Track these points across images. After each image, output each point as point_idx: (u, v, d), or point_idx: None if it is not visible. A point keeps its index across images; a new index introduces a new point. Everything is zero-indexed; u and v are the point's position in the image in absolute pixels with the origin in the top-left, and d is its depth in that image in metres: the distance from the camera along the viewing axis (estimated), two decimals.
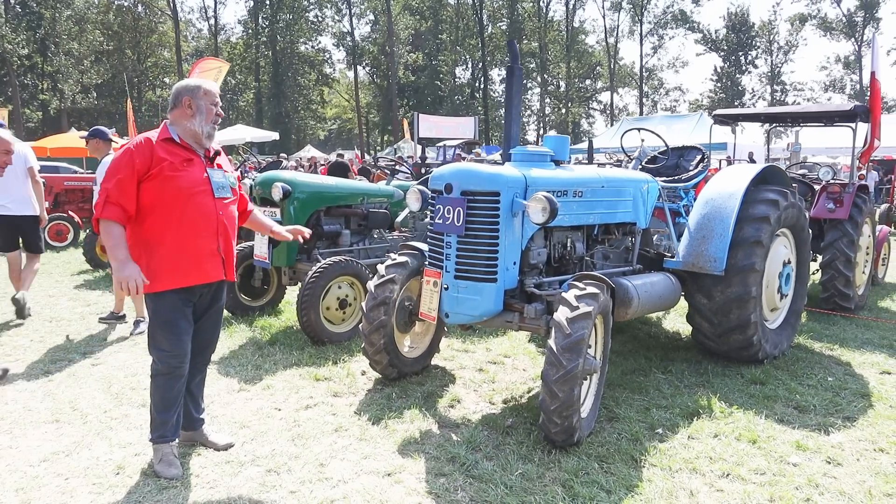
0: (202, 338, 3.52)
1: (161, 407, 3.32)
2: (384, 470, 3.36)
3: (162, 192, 3.16)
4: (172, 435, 3.35)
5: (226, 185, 3.41)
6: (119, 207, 3.10)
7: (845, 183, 6.80)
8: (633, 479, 3.26)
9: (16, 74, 40.42)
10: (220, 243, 3.35)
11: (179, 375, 3.34)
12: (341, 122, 64.15)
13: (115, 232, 3.11)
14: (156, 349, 3.30)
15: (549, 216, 3.66)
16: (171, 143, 3.27)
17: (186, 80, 3.43)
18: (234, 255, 3.51)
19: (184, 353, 3.33)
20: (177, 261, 3.22)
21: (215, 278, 3.37)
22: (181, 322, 3.30)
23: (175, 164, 3.20)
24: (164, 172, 3.16)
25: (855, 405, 4.34)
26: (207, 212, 3.29)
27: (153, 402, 3.34)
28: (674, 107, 60.00)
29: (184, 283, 3.27)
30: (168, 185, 3.17)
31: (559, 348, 3.38)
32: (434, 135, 27.71)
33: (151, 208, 3.18)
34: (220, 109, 3.39)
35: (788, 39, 56.27)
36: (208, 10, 54.54)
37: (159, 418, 3.32)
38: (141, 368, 4.92)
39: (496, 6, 56.25)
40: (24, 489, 3.18)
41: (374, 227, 6.74)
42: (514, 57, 4.61)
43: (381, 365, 4.50)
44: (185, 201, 3.21)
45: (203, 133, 3.32)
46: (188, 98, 3.29)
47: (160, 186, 3.16)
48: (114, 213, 3.10)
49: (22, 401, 4.35)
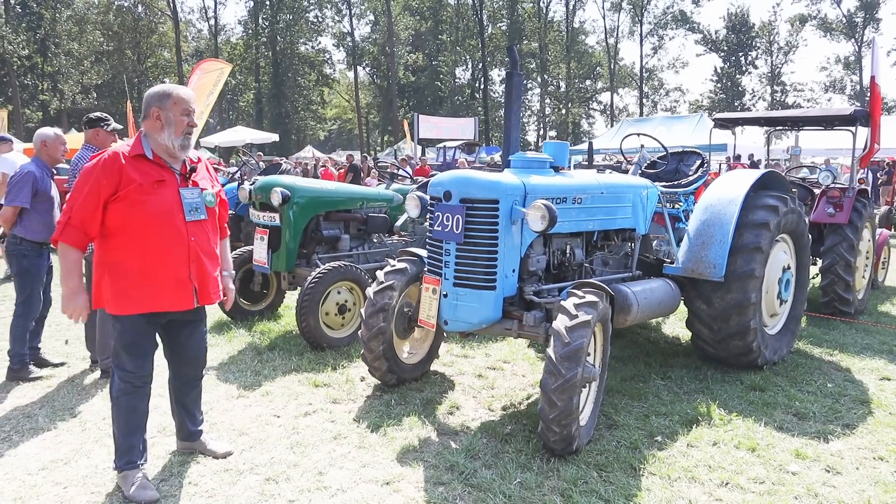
0: (189, 356, 3.42)
1: (126, 430, 3.19)
2: (383, 478, 3.36)
3: (129, 215, 2.98)
4: (140, 458, 3.24)
5: (200, 206, 3.19)
6: (80, 232, 2.95)
7: (845, 187, 6.79)
8: (631, 489, 3.26)
9: (16, 75, 40.41)
10: (191, 270, 3.14)
11: (144, 394, 3.23)
12: (341, 123, 64.17)
13: (72, 258, 2.97)
14: (119, 369, 3.16)
15: (548, 224, 3.66)
16: (142, 159, 3.05)
17: (156, 88, 3.16)
18: (213, 277, 3.30)
19: (148, 374, 3.23)
20: (142, 287, 3.05)
21: (184, 307, 3.18)
22: (146, 344, 3.19)
23: (144, 186, 3.00)
24: (131, 195, 2.96)
25: (854, 412, 4.33)
26: (177, 238, 3.09)
27: (117, 426, 3.19)
28: (674, 107, 60.02)
29: (149, 308, 3.10)
30: (135, 210, 2.98)
31: (558, 357, 3.38)
32: (434, 135, 27.76)
33: (117, 231, 3.01)
34: (192, 119, 3.14)
35: (788, 40, 56.26)
36: (208, 11, 54.52)
37: (126, 443, 3.18)
38: None
39: (496, 7, 56.24)
40: (21, 498, 3.18)
41: (373, 232, 6.74)
42: (514, 63, 4.61)
43: (380, 371, 4.49)
44: (153, 227, 3.02)
45: (175, 147, 3.10)
46: (156, 109, 3.07)
47: (127, 210, 2.98)
48: (74, 237, 2.95)
49: (21, 407, 4.34)
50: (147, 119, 3.11)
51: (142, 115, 3.14)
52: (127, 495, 3.13)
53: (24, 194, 4.69)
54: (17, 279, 4.86)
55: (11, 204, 4.68)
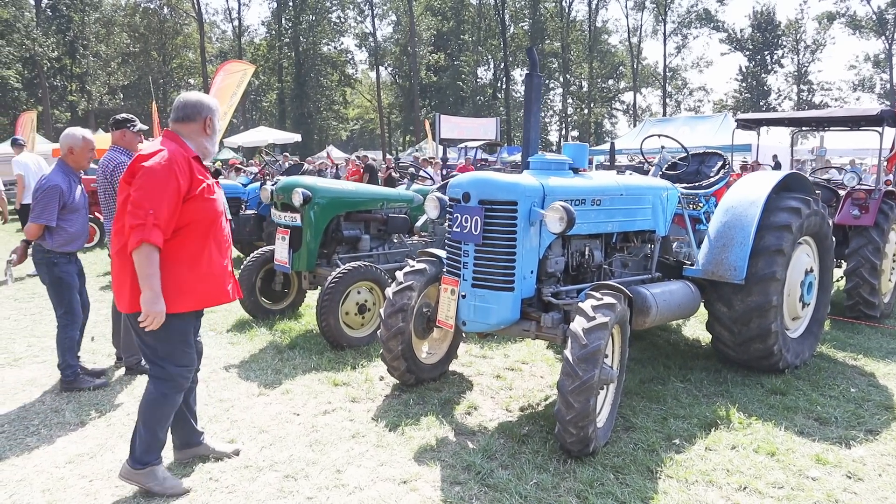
0: (199, 351, 3.49)
1: (162, 426, 3.25)
2: (400, 477, 3.39)
3: (201, 212, 3.11)
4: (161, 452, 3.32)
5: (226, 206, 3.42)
6: (164, 232, 2.97)
7: (871, 189, 6.68)
8: (648, 491, 3.26)
9: (46, 76, 41.29)
10: (230, 265, 3.39)
11: (186, 388, 3.34)
12: (363, 123, 64.48)
13: (155, 259, 2.97)
14: (174, 366, 3.20)
15: (566, 226, 3.66)
16: (199, 161, 3.21)
17: (206, 98, 3.32)
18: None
19: (195, 366, 3.39)
20: (206, 282, 3.19)
21: (234, 298, 3.40)
22: (191, 337, 3.31)
23: (211, 185, 3.19)
24: (203, 193, 3.12)
25: (878, 418, 4.27)
26: (227, 233, 3.35)
27: (155, 422, 3.20)
28: (698, 107, 59.33)
29: (211, 303, 3.27)
30: (207, 206, 3.14)
31: (575, 359, 3.38)
32: (456, 136, 27.77)
33: (188, 228, 3.09)
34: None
35: (816, 38, 55.30)
36: (232, 12, 55.12)
37: (158, 439, 3.23)
38: None
39: (518, 6, 56.12)
40: (49, 490, 3.28)
41: (393, 232, 6.79)
42: (534, 64, 4.62)
43: (399, 371, 4.53)
44: (217, 224, 3.22)
45: (212, 153, 3.33)
46: (210, 117, 3.26)
47: (199, 207, 3.10)
48: (159, 238, 2.94)
49: (49, 402, 4.46)
50: (194, 123, 3.22)
51: (182, 118, 3.21)
52: (159, 489, 3.18)
53: (48, 211, 4.52)
54: (52, 290, 4.71)
55: (37, 222, 4.54)
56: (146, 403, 3.21)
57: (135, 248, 2.92)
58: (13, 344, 5.84)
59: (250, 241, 9.43)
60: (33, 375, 5.01)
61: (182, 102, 3.24)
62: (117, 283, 3.15)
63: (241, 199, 10.13)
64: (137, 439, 3.22)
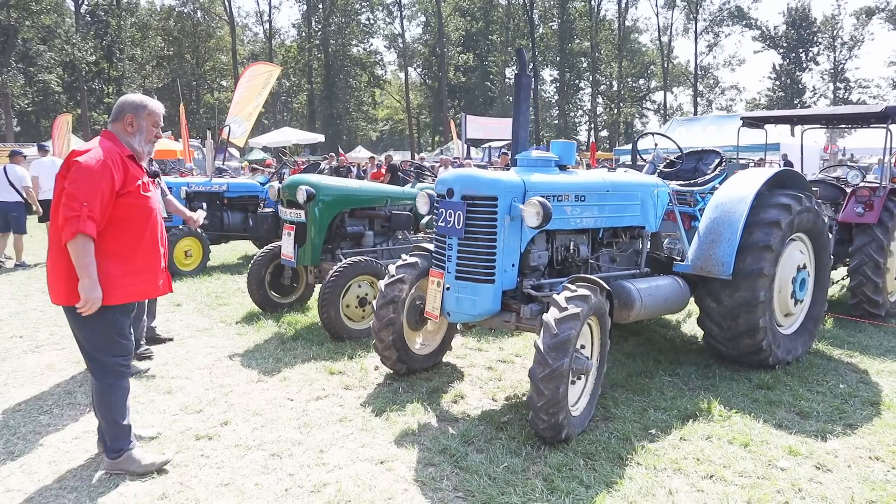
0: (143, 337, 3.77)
1: (121, 410, 3.38)
2: (378, 458, 3.57)
3: (134, 209, 3.27)
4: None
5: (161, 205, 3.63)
6: (96, 224, 3.10)
7: (876, 186, 6.64)
8: (614, 476, 3.37)
9: (84, 80, 42.60)
10: (164, 260, 3.55)
11: (129, 374, 3.49)
12: (393, 124, 64.99)
13: (91, 248, 3.10)
14: (111, 356, 3.33)
15: (542, 220, 3.79)
16: (133, 160, 3.35)
17: (132, 96, 3.46)
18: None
19: (131, 355, 3.56)
20: (142, 275, 3.35)
21: (165, 292, 3.59)
22: (127, 329, 3.42)
23: (146, 183, 3.36)
24: (137, 189, 3.28)
25: (861, 413, 4.30)
26: (160, 229, 3.51)
27: (114, 412, 3.34)
28: (729, 106, 58.44)
29: (145, 296, 3.48)
30: (141, 203, 3.30)
31: (546, 347, 3.51)
32: (482, 136, 27.85)
33: (121, 223, 3.24)
34: (159, 131, 3.48)
35: (853, 34, 53.99)
36: (263, 15, 56.30)
37: (124, 424, 3.38)
38: (169, 357, 5.28)
39: (547, 6, 55.94)
40: (55, 461, 3.55)
41: (397, 229, 6.97)
42: (523, 66, 4.75)
43: (391, 360, 4.71)
44: (152, 220, 3.39)
45: (144, 152, 3.43)
46: (130, 116, 3.36)
47: (133, 203, 3.26)
48: (93, 229, 3.08)
49: (64, 385, 4.75)
50: (118, 122, 3.37)
51: (111, 118, 3.40)
52: (143, 469, 3.36)
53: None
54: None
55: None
56: (97, 398, 3.39)
57: (70, 240, 3.05)
58: (37, 332, 6.18)
59: (268, 238, 9.71)
60: (52, 360, 5.31)
61: (116, 103, 3.44)
62: (52, 276, 3.26)
63: (259, 197, 10.43)
64: (104, 433, 3.42)
